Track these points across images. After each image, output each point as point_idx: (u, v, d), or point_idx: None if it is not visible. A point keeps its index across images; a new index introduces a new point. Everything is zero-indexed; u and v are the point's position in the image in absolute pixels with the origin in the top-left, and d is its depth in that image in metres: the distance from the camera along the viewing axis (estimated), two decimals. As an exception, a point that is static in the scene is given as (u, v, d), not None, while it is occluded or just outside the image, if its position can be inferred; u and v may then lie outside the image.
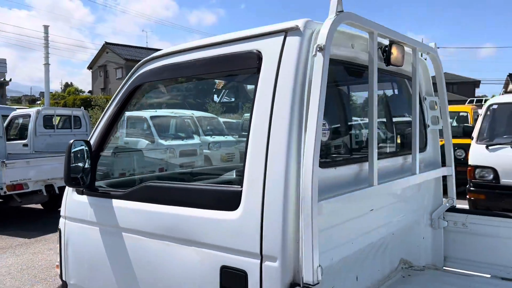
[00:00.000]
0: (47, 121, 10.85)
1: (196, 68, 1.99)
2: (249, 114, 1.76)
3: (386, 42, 2.09)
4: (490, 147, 6.44)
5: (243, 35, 1.83)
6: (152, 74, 2.16)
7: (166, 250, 1.92)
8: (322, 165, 1.74)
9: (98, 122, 2.32)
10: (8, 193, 7.42)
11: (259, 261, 1.61)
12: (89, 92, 54.18)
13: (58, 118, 11.43)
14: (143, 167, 2.84)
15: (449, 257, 2.83)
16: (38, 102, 56.20)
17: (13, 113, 11.42)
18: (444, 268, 2.78)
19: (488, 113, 6.92)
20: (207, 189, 2.02)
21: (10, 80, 30.20)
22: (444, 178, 2.80)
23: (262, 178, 1.63)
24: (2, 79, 30.02)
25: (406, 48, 2.22)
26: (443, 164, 2.83)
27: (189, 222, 1.83)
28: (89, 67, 53.10)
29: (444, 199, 2.86)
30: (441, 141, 2.85)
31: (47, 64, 31.18)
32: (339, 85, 2.37)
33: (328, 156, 2.10)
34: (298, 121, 1.62)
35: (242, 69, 1.86)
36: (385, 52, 2.07)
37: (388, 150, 2.67)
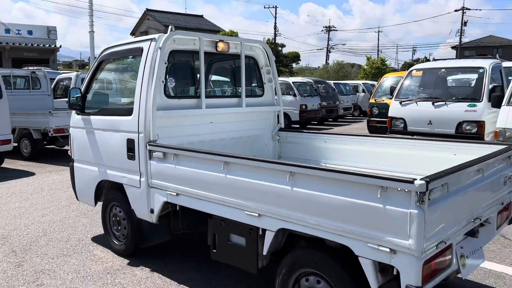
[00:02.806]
0: (84, 83, 13.50)
1: (121, 53, 4.33)
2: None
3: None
4: (402, 103, 8.44)
5: (137, 39, 4.13)
6: (107, 55, 4.51)
7: (110, 135, 4.28)
8: (168, 97, 4.04)
9: (84, 80, 4.72)
10: (54, 135, 10.17)
11: (137, 134, 3.93)
12: (132, 57, 57.15)
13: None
14: (104, 102, 5.10)
15: (281, 155, 5.07)
16: (87, 67, 60.27)
17: (58, 77, 14.19)
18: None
19: (408, 77, 8.85)
20: (123, 108, 4.32)
21: (60, 46, 33.11)
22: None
23: (139, 102, 3.94)
24: (53, 46, 33.03)
25: (233, 43, 4.44)
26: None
27: (116, 121, 4.18)
28: (132, 33, 56.01)
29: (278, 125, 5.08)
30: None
31: (92, 32, 33.93)
32: (188, 60, 4.54)
33: (174, 94, 4.29)
34: (150, 77, 3.89)
35: (137, 54, 4.13)
36: (216, 45, 4.31)
37: (229, 94, 4.91)
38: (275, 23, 52.10)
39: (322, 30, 66.02)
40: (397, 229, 2.27)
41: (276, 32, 51.76)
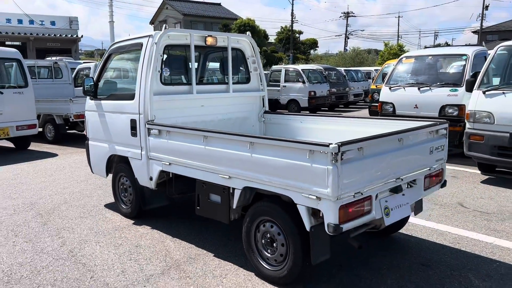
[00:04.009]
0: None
1: (126, 47, 5.14)
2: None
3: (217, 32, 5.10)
4: (391, 88, 9.07)
5: (138, 36, 4.93)
6: (114, 49, 5.33)
7: (118, 116, 5.11)
8: (164, 84, 4.85)
9: (97, 69, 5.55)
10: (74, 120, 11.14)
11: (138, 115, 4.74)
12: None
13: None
14: (113, 89, 5.91)
15: (266, 134, 5.84)
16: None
17: (79, 66, 15.18)
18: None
19: (399, 64, 9.46)
20: (127, 93, 5.10)
21: (82, 36, 34.23)
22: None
23: (139, 88, 4.75)
24: (75, 36, 34.20)
25: (221, 37, 5.21)
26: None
27: (122, 105, 5.00)
28: (151, 22, 57.10)
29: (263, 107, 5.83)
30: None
31: (111, 22, 35.06)
32: (181, 53, 5.28)
33: (169, 81, 5.06)
34: (148, 67, 4.69)
35: (138, 48, 4.92)
36: (205, 40, 5.09)
37: (218, 81, 5.68)
38: (292, 10, 52.42)
39: (341, 16, 65.95)
40: (320, 181, 3.03)
41: (293, 19, 51.96)
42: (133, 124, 4.83)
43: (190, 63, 5.09)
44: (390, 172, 3.46)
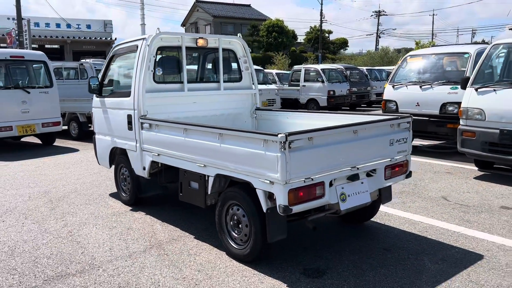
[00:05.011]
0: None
1: (125, 49, 5.64)
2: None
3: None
4: (394, 87, 9.26)
5: (135, 39, 5.42)
6: (116, 51, 5.84)
7: (117, 112, 5.62)
8: (157, 82, 5.30)
9: (101, 70, 6.09)
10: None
11: (133, 110, 5.22)
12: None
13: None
14: (114, 87, 6.37)
15: (258, 129, 6.21)
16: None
17: (105, 67, 15.98)
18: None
19: (403, 62, 9.63)
20: (125, 91, 5.56)
21: (116, 39, 35.45)
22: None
23: (134, 86, 5.22)
24: (109, 38, 35.50)
25: (212, 39, 5.63)
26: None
27: (121, 101, 5.50)
28: (182, 24, 58.34)
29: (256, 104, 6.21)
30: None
31: (143, 24, 36.21)
32: (174, 54, 5.73)
33: (162, 80, 5.51)
34: (141, 67, 5.16)
35: (134, 50, 5.40)
36: (196, 41, 5.52)
37: (211, 80, 6.09)
38: (321, 9, 52.34)
39: (372, 15, 65.28)
40: (272, 167, 3.39)
41: (322, 19, 51.93)
42: (129, 119, 5.31)
43: (181, 63, 5.54)
44: (344, 161, 3.78)
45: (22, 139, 11.87)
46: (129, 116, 5.30)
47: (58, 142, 11.56)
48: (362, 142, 3.93)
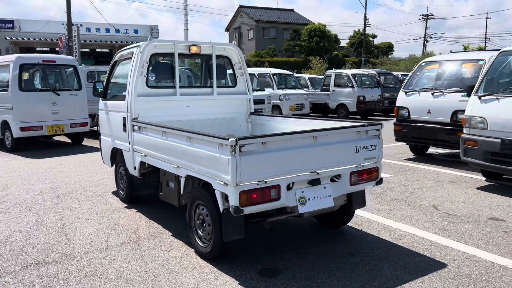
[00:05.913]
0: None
1: (124, 55, 5.99)
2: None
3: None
4: (407, 93, 9.16)
5: (131, 46, 5.75)
6: (117, 57, 6.22)
7: (116, 114, 5.97)
8: (150, 87, 5.61)
9: (106, 76, 6.48)
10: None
11: (127, 113, 5.56)
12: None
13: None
14: (115, 91, 6.77)
15: (252, 133, 6.40)
16: (186, 61, 65.12)
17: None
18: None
19: (417, 69, 9.50)
20: (122, 94, 5.90)
21: (159, 43, 36.64)
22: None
23: (128, 90, 5.56)
24: (154, 44, 36.77)
25: (206, 46, 5.88)
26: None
27: (118, 104, 5.85)
28: (226, 29, 59.29)
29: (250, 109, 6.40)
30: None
31: (186, 30, 37.28)
32: (168, 60, 6.00)
33: (154, 84, 5.80)
34: (134, 73, 5.48)
35: (130, 56, 5.74)
36: (189, 49, 5.79)
37: (204, 85, 6.32)
38: (365, 13, 51.70)
39: (419, 19, 63.63)
40: (225, 169, 3.58)
41: (366, 23, 51.28)
42: (124, 121, 5.64)
43: (175, 69, 5.81)
44: (302, 166, 3.90)
45: (54, 138, 12.61)
46: (124, 119, 5.64)
47: (86, 142, 12.22)
48: (323, 148, 4.02)
